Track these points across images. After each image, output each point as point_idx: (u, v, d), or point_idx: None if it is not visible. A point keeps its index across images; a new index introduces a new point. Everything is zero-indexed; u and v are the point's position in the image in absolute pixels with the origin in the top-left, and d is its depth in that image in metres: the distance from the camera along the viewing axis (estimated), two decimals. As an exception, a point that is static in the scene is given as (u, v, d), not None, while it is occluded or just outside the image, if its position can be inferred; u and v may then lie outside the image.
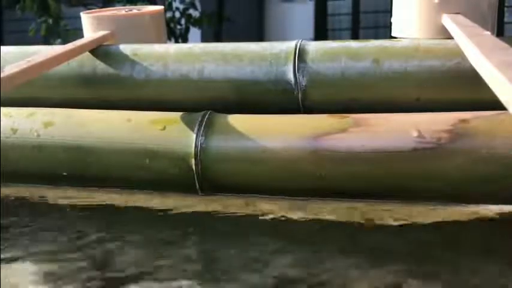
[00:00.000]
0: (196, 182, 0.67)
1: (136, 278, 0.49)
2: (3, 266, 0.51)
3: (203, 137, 0.67)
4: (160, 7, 0.94)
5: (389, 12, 0.83)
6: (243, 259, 0.52)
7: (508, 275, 0.49)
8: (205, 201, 0.68)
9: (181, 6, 3.37)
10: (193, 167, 0.66)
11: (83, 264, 0.52)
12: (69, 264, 0.52)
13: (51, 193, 0.73)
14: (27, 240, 0.58)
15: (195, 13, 3.41)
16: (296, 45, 0.73)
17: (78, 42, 0.77)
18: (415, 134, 0.61)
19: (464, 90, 0.67)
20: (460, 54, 0.61)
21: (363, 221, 0.61)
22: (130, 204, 0.68)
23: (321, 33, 4.27)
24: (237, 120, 0.68)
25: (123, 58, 0.77)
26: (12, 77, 0.60)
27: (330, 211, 0.63)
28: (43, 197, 0.72)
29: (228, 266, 0.51)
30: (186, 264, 0.52)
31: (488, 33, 0.57)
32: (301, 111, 0.73)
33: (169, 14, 3.23)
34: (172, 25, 3.22)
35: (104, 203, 0.69)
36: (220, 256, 0.54)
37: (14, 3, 3.11)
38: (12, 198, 0.72)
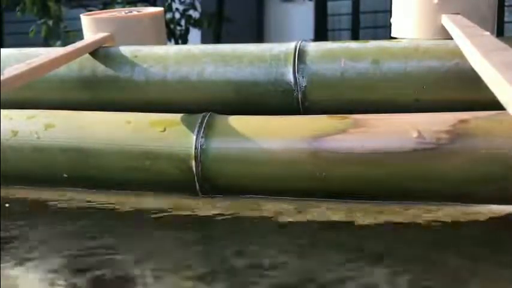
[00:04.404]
0: (197, 183, 0.67)
1: (137, 279, 0.49)
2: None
3: (203, 139, 0.67)
4: (160, 8, 0.94)
5: (389, 12, 0.83)
6: (244, 260, 0.52)
7: (508, 275, 0.49)
8: (206, 202, 0.68)
9: (181, 7, 3.37)
10: (194, 168, 0.66)
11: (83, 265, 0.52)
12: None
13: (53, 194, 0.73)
14: (27, 241, 0.59)
15: (195, 14, 3.41)
16: (296, 46, 0.73)
17: (78, 44, 0.78)
18: (414, 134, 0.61)
19: (464, 91, 0.67)
20: (459, 54, 0.61)
21: (363, 222, 0.61)
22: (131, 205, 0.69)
23: (321, 33, 4.27)
24: (237, 122, 0.68)
25: (123, 60, 0.78)
26: (12, 79, 0.60)
27: (330, 212, 0.63)
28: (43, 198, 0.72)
29: (229, 267, 0.51)
30: (186, 265, 0.52)
31: (488, 33, 0.57)
32: (301, 112, 0.73)
33: (169, 15, 3.24)
34: (172, 26, 3.22)
35: (104, 204, 0.69)
36: (221, 257, 0.54)
37: (14, 5, 3.12)
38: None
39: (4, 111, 0.75)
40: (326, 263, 0.52)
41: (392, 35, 0.79)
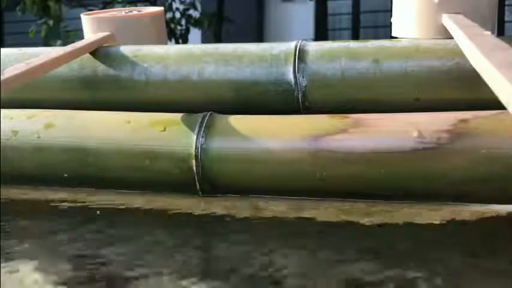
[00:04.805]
0: (197, 183, 0.67)
1: (137, 280, 0.49)
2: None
3: (204, 138, 0.67)
4: (160, 8, 0.94)
5: (389, 11, 0.83)
6: (244, 260, 0.52)
7: (509, 275, 0.49)
8: (206, 202, 0.68)
9: (181, 7, 3.37)
10: (194, 168, 0.66)
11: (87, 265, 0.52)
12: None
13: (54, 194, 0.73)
14: (30, 240, 0.59)
15: (195, 13, 3.42)
16: (296, 46, 0.74)
17: (78, 44, 0.78)
18: (415, 134, 0.61)
19: (464, 90, 0.68)
20: (460, 54, 0.61)
21: (364, 222, 0.61)
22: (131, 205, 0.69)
23: (321, 33, 4.27)
24: (237, 121, 0.68)
25: (124, 59, 0.78)
26: (12, 79, 0.60)
27: (330, 211, 0.63)
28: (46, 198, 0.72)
29: (228, 267, 0.51)
30: (187, 265, 0.52)
31: (489, 33, 0.57)
32: (301, 111, 0.73)
33: (169, 15, 3.24)
34: (172, 26, 3.23)
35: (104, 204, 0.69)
36: (221, 257, 0.54)
37: (14, 5, 3.12)
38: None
39: (4, 111, 0.75)
40: (326, 262, 0.52)
41: (392, 35, 0.79)
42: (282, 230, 0.61)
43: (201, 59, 0.75)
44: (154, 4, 3.17)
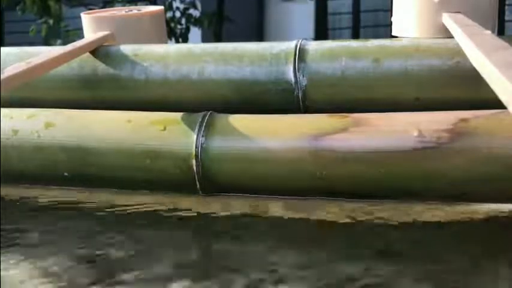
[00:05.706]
0: (197, 182, 0.67)
1: (136, 279, 0.49)
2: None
3: (204, 138, 0.67)
4: (160, 7, 0.94)
5: (389, 11, 0.83)
6: (243, 260, 0.53)
7: (509, 274, 0.49)
8: (206, 201, 0.68)
9: (181, 6, 3.37)
10: (194, 167, 0.66)
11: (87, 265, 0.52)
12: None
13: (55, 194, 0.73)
14: (31, 240, 0.59)
15: (195, 13, 3.42)
16: (296, 45, 0.74)
17: (78, 43, 0.78)
18: (415, 133, 0.61)
19: (465, 90, 0.68)
20: (460, 53, 0.61)
21: (364, 221, 0.61)
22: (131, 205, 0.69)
23: (322, 32, 4.27)
24: (237, 121, 0.68)
25: (124, 59, 0.78)
26: (12, 78, 0.60)
27: (330, 211, 0.64)
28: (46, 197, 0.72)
29: (227, 266, 0.51)
30: (186, 265, 0.52)
31: (489, 32, 0.57)
32: (301, 111, 0.73)
33: (169, 14, 3.24)
34: (172, 25, 3.23)
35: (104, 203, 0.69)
36: (220, 257, 0.54)
37: (14, 4, 3.12)
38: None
39: (4, 110, 0.75)
40: (326, 262, 0.52)
41: (393, 34, 0.79)
42: (281, 230, 0.61)
43: (201, 58, 0.75)
44: (154, 3, 3.17)
